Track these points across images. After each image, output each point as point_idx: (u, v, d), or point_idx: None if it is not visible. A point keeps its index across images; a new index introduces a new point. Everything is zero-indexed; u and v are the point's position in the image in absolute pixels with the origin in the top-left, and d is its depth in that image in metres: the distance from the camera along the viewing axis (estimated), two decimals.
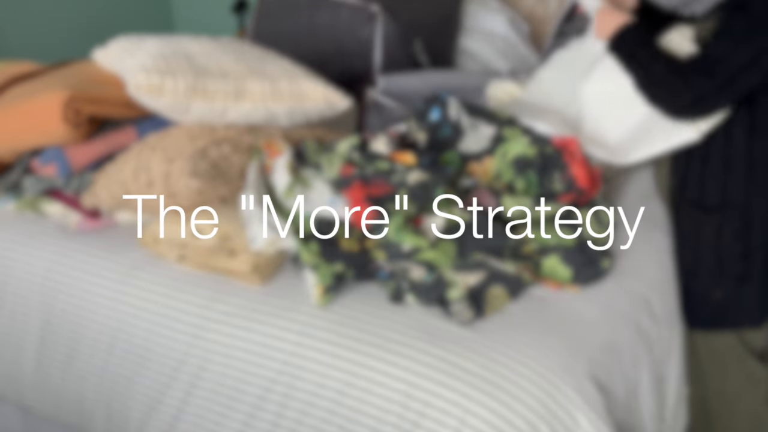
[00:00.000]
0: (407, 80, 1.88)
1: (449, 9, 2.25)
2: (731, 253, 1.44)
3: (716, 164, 1.41)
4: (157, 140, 1.42)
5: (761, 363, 1.53)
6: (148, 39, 1.55)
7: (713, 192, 1.43)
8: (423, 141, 1.52)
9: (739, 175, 1.40)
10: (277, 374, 1.21)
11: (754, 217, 1.41)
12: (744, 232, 1.42)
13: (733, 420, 1.55)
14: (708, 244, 1.46)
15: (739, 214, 1.42)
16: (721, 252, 1.45)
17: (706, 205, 1.45)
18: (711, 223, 1.45)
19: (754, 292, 1.45)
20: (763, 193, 1.41)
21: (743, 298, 1.47)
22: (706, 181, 1.44)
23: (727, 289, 1.47)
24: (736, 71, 1.29)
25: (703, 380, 1.55)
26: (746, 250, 1.43)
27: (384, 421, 1.14)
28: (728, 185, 1.42)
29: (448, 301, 1.24)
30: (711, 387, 1.54)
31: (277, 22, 2.18)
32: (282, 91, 1.50)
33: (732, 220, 1.42)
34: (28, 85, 1.55)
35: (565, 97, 1.61)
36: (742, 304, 1.47)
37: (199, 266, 1.36)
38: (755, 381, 1.52)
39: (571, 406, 1.12)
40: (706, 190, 1.44)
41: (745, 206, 1.41)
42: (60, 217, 1.53)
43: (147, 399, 1.32)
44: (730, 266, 1.45)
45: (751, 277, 1.44)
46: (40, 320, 1.42)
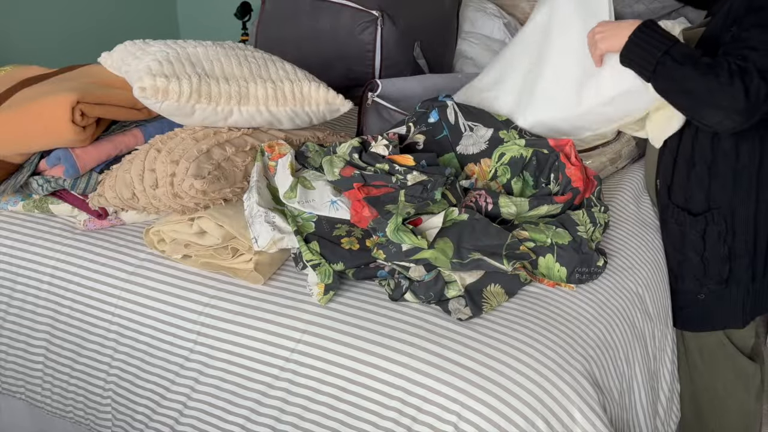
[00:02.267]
0: (406, 83, 1.89)
1: (448, 14, 2.26)
2: (715, 256, 1.44)
3: (702, 169, 1.41)
4: (162, 142, 1.43)
5: (751, 360, 1.54)
6: (154, 43, 1.56)
7: (699, 197, 1.43)
8: (421, 143, 1.54)
9: (724, 181, 1.39)
10: (280, 371, 1.22)
11: (737, 222, 1.40)
12: (728, 236, 1.42)
13: (724, 416, 1.55)
14: (693, 247, 1.46)
15: (724, 218, 1.41)
16: (706, 255, 1.45)
17: (691, 210, 1.45)
18: (696, 226, 1.45)
19: (738, 294, 1.46)
20: (747, 199, 1.39)
21: (727, 300, 1.47)
22: (692, 186, 1.44)
23: (711, 291, 1.47)
24: None
25: (694, 377, 1.55)
26: (730, 253, 1.43)
27: (383, 416, 1.15)
28: (713, 190, 1.41)
29: (447, 300, 1.25)
30: (702, 383, 1.54)
31: (280, 27, 2.19)
32: (284, 94, 1.51)
33: (717, 223, 1.42)
34: (36, 88, 1.55)
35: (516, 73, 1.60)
36: (725, 305, 1.47)
37: (203, 266, 1.37)
38: (745, 377, 1.53)
39: (567, 402, 1.12)
40: (692, 195, 1.44)
41: (730, 211, 1.41)
42: (67, 217, 1.54)
43: (152, 395, 1.33)
44: (714, 269, 1.45)
45: (735, 280, 1.45)
46: (47, 318, 1.43)
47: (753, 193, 1.38)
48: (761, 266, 1.44)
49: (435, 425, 1.12)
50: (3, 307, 1.48)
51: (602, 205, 1.45)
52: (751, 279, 1.45)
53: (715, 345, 1.52)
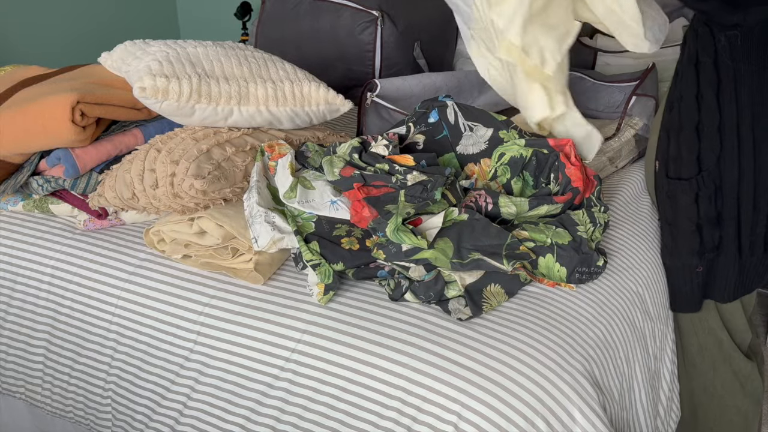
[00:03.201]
0: (405, 82, 1.89)
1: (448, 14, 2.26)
2: (708, 221, 1.43)
3: (690, 132, 1.40)
4: (162, 142, 1.43)
5: (748, 359, 1.54)
6: (154, 43, 1.56)
7: (689, 160, 1.42)
8: (421, 143, 1.54)
9: (711, 142, 1.38)
10: (280, 371, 1.22)
11: (725, 187, 1.39)
12: (717, 199, 1.41)
13: (722, 414, 1.55)
14: (687, 215, 1.45)
15: (713, 181, 1.40)
16: (700, 222, 1.44)
17: (683, 176, 1.44)
18: (689, 192, 1.44)
19: (726, 266, 1.44)
20: (732, 164, 1.38)
21: (718, 272, 1.45)
22: (683, 152, 1.43)
23: (707, 261, 1.46)
24: None
25: (692, 375, 1.56)
26: (719, 216, 1.41)
27: (383, 416, 1.15)
28: (702, 152, 1.40)
29: (447, 300, 1.25)
30: (700, 382, 1.55)
31: (280, 27, 2.19)
32: (284, 94, 1.52)
33: (707, 186, 1.41)
34: (36, 88, 1.55)
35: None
36: (716, 277, 1.45)
37: (203, 266, 1.37)
38: (743, 377, 1.53)
39: (567, 401, 1.12)
40: (683, 161, 1.43)
41: (718, 174, 1.39)
42: (67, 217, 1.54)
43: (152, 395, 1.34)
44: (708, 236, 1.44)
45: (725, 250, 1.43)
46: (47, 318, 1.43)
47: (735, 157, 1.38)
48: (746, 240, 1.42)
49: (435, 425, 1.12)
50: (3, 307, 1.48)
51: (602, 205, 1.45)
52: (737, 251, 1.44)
53: (712, 344, 1.52)
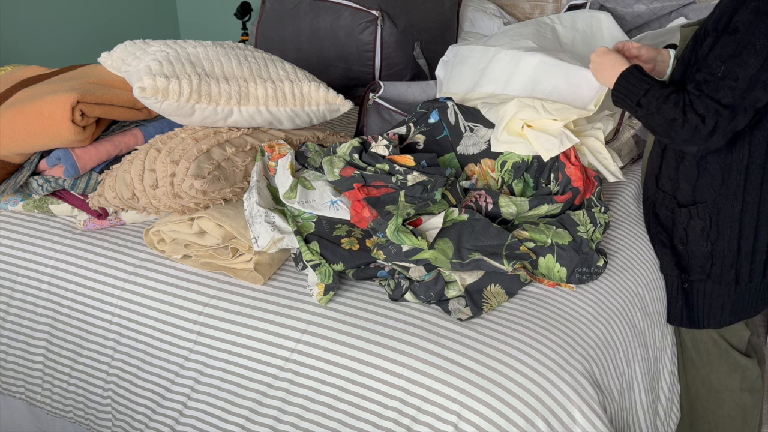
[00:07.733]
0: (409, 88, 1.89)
1: (448, 13, 2.27)
2: (698, 250, 1.44)
3: (691, 163, 1.41)
4: (162, 142, 1.43)
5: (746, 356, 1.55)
6: (154, 43, 1.56)
7: (685, 190, 1.43)
8: (422, 143, 1.54)
9: (712, 177, 1.39)
10: (279, 371, 1.23)
11: (722, 220, 1.40)
12: (711, 232, 1.41)
13: (720, 409, 1.55)
14: (679, 237, 1.46)
15: (709, 214, 1.41)
16: (690, 248, 1.45)
17: (677, 200, 1.45)
18: (680, 217, 1.45)
19: (720, 293, 1.45)
20: (734, 198, 1.39)
21: (709, 297, 1.46)
22: (680, 178, 1.44)
23: (694, 282, 1.47)
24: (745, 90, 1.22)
25: (689, 370, 1.56)
26: (713, 250, 1.43)
27: (383, 416, 1.15)
28: (700, 185, 1.41)
29: (447, 300, 1.25)
30: (697, 377, 1.55)
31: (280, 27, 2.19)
32: (284, 94, 1.52)
33: (701, 218, 1.42)
34: (36, 87, 1.56)
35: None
36: (707, 301, 1.46)
37: (203, 265, 1.37)
38: (741, 371, 1.53)
39: (567, 401, 1.13)
40: (679, 186, 1.44)
41: (716, 208, 1.40)
42: (67, 217, 1.54)
43: (152, 395, 1.34)
44: (696, 262, 1.45)
45: (717, 278, 1.44)
46: (47, 318, 1.43)
47: (740, 193, 1.38)
48: (746, 269, 1.43)
49: (435, 425, 1.12)
50: (3, 307, 1.48)
51: (602, 206, 1.45)
52: (734, 280, 1.44)
53: (708, 341, 1.52)
